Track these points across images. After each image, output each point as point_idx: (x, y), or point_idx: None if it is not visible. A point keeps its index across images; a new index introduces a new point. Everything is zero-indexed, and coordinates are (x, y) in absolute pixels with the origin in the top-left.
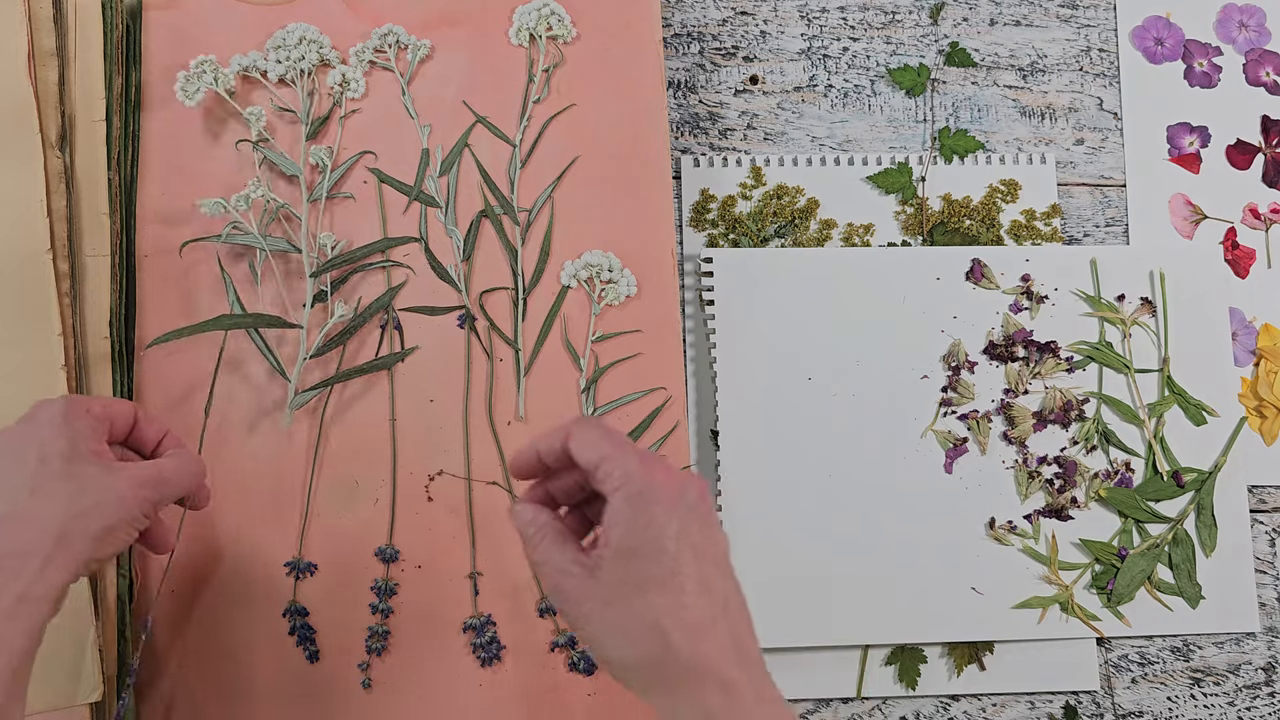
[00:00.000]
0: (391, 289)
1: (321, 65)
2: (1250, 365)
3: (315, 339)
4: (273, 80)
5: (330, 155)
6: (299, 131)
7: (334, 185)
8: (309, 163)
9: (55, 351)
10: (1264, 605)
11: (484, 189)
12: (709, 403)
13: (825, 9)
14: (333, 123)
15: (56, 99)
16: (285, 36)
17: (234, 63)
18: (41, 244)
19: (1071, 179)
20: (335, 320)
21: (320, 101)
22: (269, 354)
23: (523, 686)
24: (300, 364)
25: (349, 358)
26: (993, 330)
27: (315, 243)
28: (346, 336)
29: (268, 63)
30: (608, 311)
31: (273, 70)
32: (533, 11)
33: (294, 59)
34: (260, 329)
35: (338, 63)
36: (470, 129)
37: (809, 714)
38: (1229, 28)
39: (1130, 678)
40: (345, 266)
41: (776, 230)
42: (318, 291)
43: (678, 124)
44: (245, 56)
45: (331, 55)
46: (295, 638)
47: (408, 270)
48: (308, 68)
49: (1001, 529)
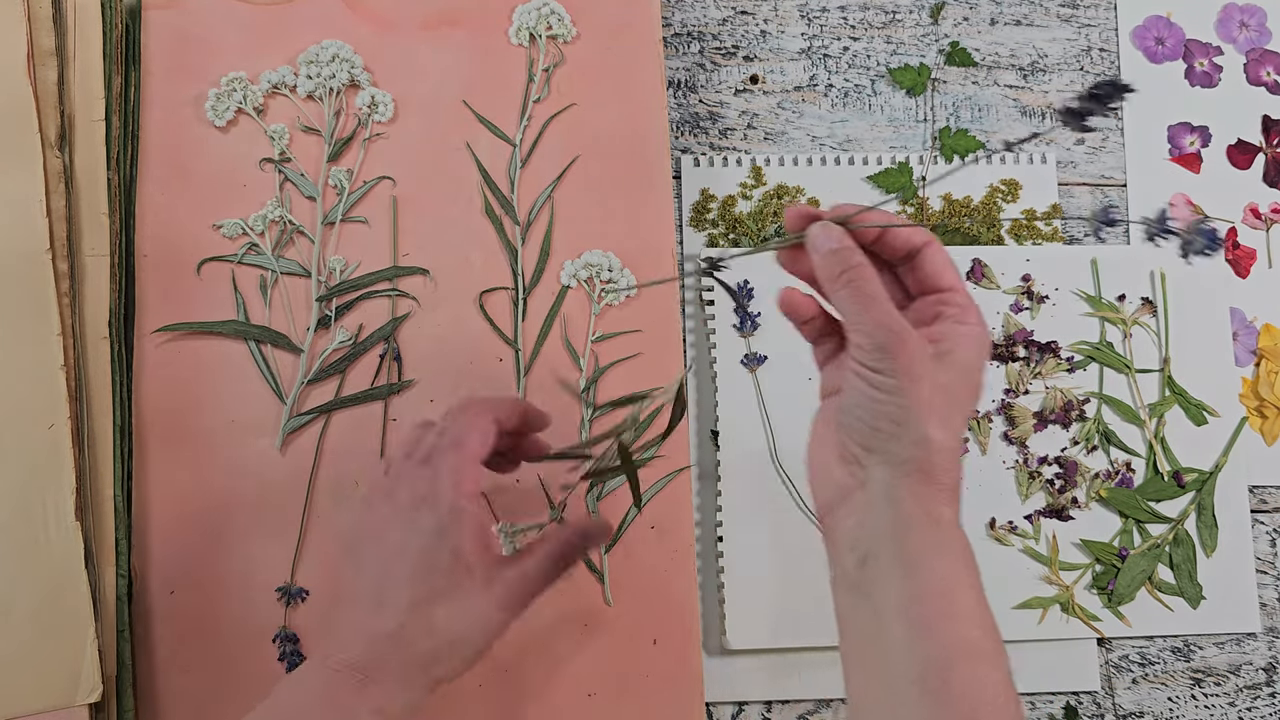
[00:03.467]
0: (394, 319)
1: (351, 86)
2: (1251, 365)
3: (315, 364)
4: (301, 96)
5: (349, 178)
6: (321, 148)
7: (350, 208)
8: (328, 184)
9: (55, 351)
10: (1265, 605)
11: (484, 189)
12: (709, 403)
13: (825, 8)
14: (355, 144)
15: (56, 99)
16: (319, 53)
17: (263, 79)
18: (41, 244)
19: (1072, 179)
20: (335, 346)
21: (345, 121)
22: (268, 375)
23: (522, 687)
24: (298, 388)
25: (348, 382)
26: (993, 330)
27: (325, 265)
28: (345, 364)
29: (298, 78)
30: (608, 311)
31: (302, 86)
32: (533, 11)
33: (324, 76)
34: (263, 347)
35: (368, 84)
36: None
37: (809, 714)
38: (1230, 27)
39: (1131, 678)
40: (351, 293)
41: (777, 230)
42: (322, 316)
43: (678, 123)
44: (275, 72)
45: (363, 76)
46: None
47: (413, 302)
48: (337, 86)
49: (1002, 529)
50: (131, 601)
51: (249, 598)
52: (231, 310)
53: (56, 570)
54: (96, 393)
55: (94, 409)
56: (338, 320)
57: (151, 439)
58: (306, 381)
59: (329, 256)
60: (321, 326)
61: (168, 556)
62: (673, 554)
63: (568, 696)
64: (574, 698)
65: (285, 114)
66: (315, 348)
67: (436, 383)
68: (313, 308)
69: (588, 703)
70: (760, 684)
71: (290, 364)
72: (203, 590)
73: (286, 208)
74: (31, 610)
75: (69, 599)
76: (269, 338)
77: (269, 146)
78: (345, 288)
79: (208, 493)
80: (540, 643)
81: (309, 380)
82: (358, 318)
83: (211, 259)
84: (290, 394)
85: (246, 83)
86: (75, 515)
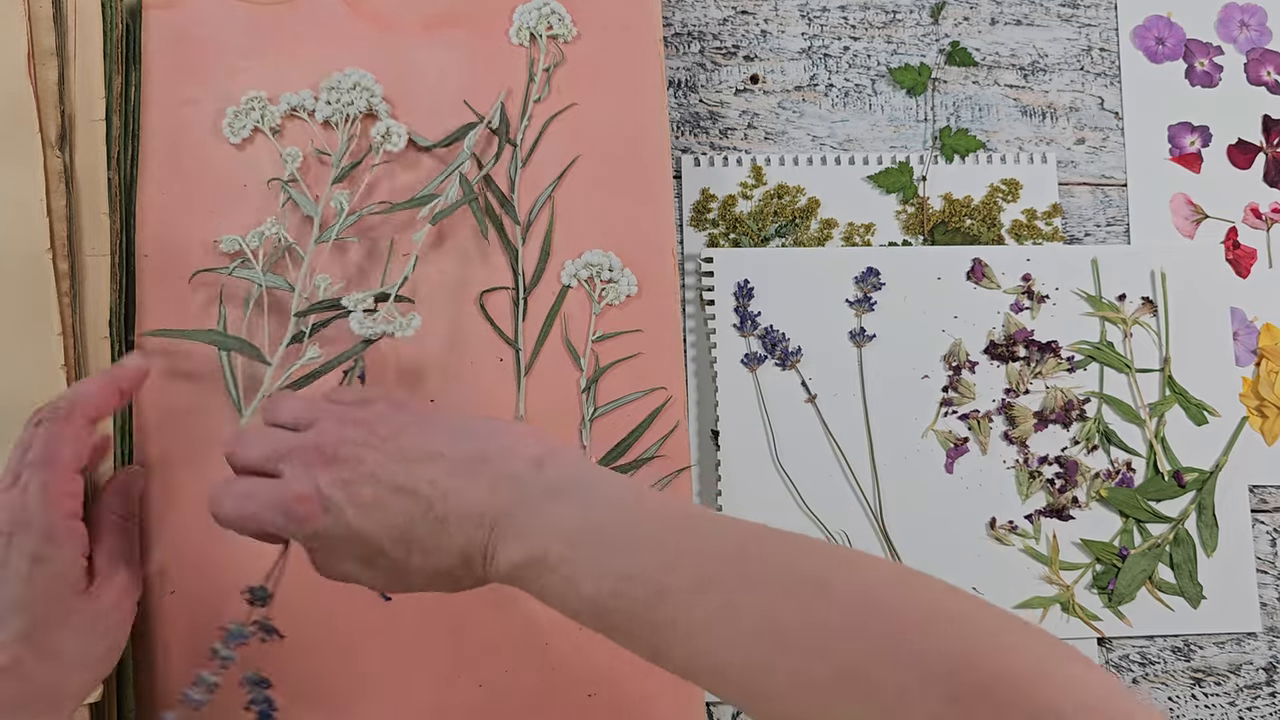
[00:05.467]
0: (364, 341)
1: (368, 115)
2: (1251, 365)
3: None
4: (318, 121)
5: (350, 199)
6: (328, 171)
7: (345, 230)
8: (329, 204)
9: (55, 351)
10: (1265, 605)
11: (485, 189)
12: (709, 403)
13: (826, 8)
14: (364, 169)
15: (56, 98)
16: (341, 80)
17: (283, 100)
18: (41, 244)
19: (1072, 178)
20: (302, 363)
21: (356, 146)
22: (232, 387)
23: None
24: (257, 401)
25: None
26: (993, 330)
27: (311, 283)
28: (310, 380)
29: (317, 103)
30: (608, 311)
31: (320, 111)
32: (533, 11)
33: (344, 103)
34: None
35: (386, 115)
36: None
37: None
38: (1230, 27)
39: (1131, 678)
40: (329, 311)
41: (777, 230)
42: (297, 332)
43: (678, 123)
44: (296, 95)
45: (381, 107)
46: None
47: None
48: (354, 114)
49: (1002, 529)
50: None
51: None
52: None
53: None
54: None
55: None
56: (311, 337)
57: (152, 439)
58: (268, 394)
59: (316, 275)
60: (296, 341)
61: (168, 556)
62: None
63: (568, 697)
64: (574, 698)
65: (298, 133)
66: (285, 362)
67: (437, 382)
68: (290, 323)
69: (588, 703)
70: None
71: (261, 378)
72: (203, 590)
73: (284, 225)
74: None
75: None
76: (242, 349)
77: (279, 164)
78: (323, 306)
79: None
80: (540, 643)
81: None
82: (336, 336)
83: (203, 271)
84: (249, 406)
85: (265, 103)
86: None
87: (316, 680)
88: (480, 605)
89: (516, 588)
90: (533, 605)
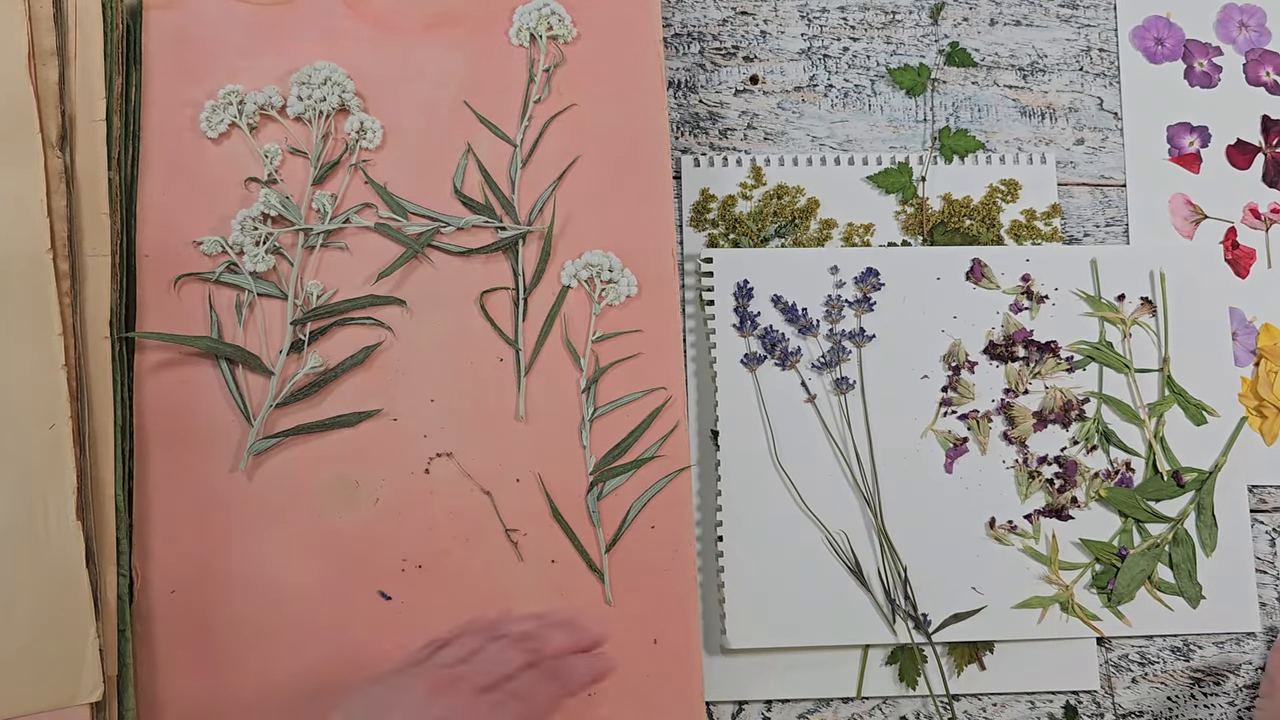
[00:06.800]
0: (366, 348)
1: (341, 110)
2: (1250, 365)
3: (285, 388)
4: (289, 117)
5: (333, 202)
6: (307, 171)
7: (331, 234)
8: (311, 207)
9: (55, 351)
10: (1264, 605)
11: (485, 189)
12: (709, 403)
13: (825, 9)
14: (341, 168)
15: (57, 98)
16: (311, 74)
17: (250, 99)
18: (42, 244)
19: (1072, 179)
20: (306, 372)
21: (333, 146)
22: (237, 395)
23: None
24: (265, 411)
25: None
26: (993, 330)
27: (302, 289)
28: (314, 389)
29: (288, 98)
30: (608, 311)
31: (292, 107)
32: (533, 11)
33: (315, 99)
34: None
35: (358, 110)
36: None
37: (809, 713)
38: (1229, 28)
39: (1130, 677)
40: (326, 318)
41: (777, 230)
42: (295, 340)
43: (678, 124)
44: (261, 92)
45: (353, 101)
46: None
47: (386, 331)
48: (327, 110)
49: (1002, 529)
50: (132, 601)
51: (249, 598)
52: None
53: (57, 570)
54: (97, 392)
55: (95, 408)
56: (310, 345)
57: (152, 438)
58: (275, 405)
59: (307, 281)
60: (294, 350)
61: (168, 556)
62: (673, 554)
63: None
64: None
65: (277, 132)
66: (286, 371)
67: (436, 383)
68: (287, 331)
69: (588, 702)
70: (760, 683)
71: (261, 386)
72: (203, 590)
73: (269, 226)
74: (32, 610)
75: (70, 599)
76: (241, 357)
77: (259, 163)
78: (320, 313)
79: (208, 492)
80: None
81: (277, 404)
82: (332, 344)
83: (187, 275)
84: (258, 417)
85: (242, 97)
86: (76, 515)
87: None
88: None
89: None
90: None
